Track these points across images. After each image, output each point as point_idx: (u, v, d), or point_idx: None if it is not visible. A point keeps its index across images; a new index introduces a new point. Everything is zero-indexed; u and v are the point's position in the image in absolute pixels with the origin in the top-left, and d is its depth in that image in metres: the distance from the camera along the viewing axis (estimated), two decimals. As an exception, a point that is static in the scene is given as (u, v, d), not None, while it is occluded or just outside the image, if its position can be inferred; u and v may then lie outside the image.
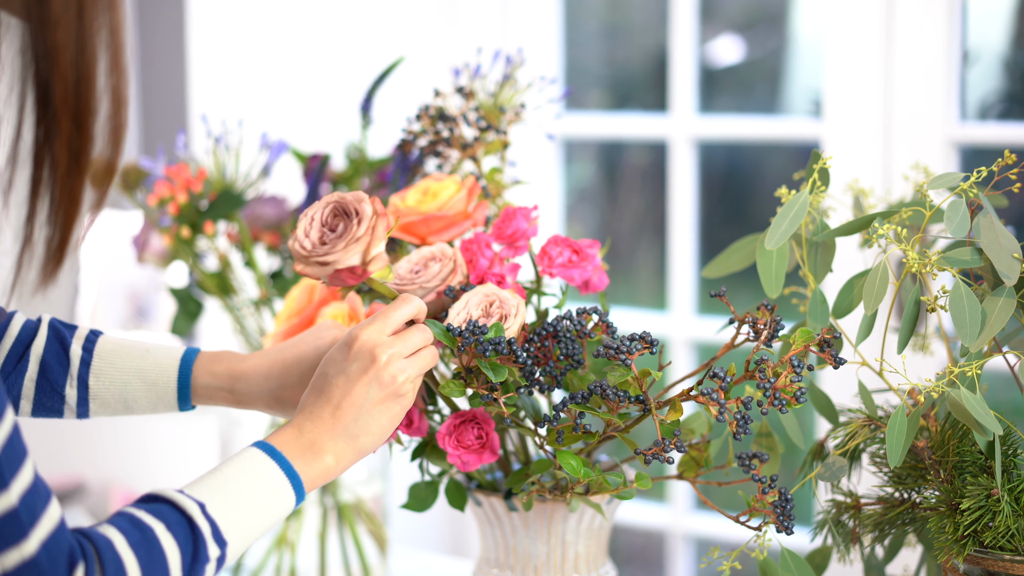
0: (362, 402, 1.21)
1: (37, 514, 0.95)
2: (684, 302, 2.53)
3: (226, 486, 1.13)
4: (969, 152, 2.20)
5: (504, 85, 1.64)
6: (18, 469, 0.94)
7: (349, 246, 1.22)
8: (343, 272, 1.23)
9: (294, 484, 1.17)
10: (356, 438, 1.21)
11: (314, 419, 1.21)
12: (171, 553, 1.05)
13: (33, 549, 0.94)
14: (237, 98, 2.56)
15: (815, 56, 2.72)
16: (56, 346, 1.33)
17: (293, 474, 1.17)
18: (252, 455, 1.17)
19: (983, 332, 1.22)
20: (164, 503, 1.09)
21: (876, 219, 1.30)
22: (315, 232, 1.25)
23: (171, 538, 1.06)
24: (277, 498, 1.16)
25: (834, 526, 1.40)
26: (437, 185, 1.47)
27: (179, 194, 1.84)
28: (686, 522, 2.56)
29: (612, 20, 3.12)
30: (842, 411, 1.43)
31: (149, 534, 1.05)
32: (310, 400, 1.23)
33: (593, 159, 3.23)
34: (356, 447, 1.22)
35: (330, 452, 1.20)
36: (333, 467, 1.21)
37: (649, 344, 1.26)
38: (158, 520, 1.07)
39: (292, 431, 1.20)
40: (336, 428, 1.21)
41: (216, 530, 1.09)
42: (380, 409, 1.22)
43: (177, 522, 1.07)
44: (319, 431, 1.21)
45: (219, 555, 1.10)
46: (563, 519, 1.42)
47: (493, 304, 1.31)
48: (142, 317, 2.94)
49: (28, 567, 0.94)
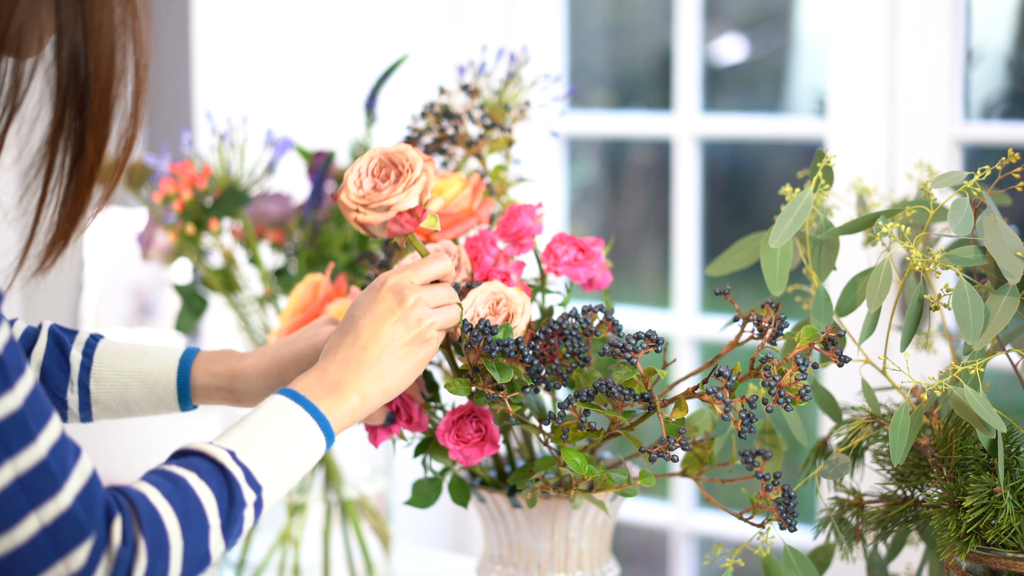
0: (388, 341, 1.22)
1: (68, 467, 0.96)
2: (687, 300, 2.53)
3: (254, 433, 1.13)
4: (973, 151, 2.20)
5: (509, 83, 1.64)
6: (44, 423, 0.95)
7: (409, 188, 1.24)
8: (403, 216, 1.25)
9: (322, 426, 1.17)
10: (382, 377, 1.22)
11: (339, 360, 1.22)
12: (206, 500, 1.06)
13: (68, 501, 0.95)
14: (242, 95, 2.56)
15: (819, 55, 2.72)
16: (56, 352, 1.34)
17: (320, 416, 1.17)
18: (277, 401, 1.17)
19: (986, 330, 1.22)
20: (193, 455, 1.10)
21: (880, 217, 1.30)
22: (368, 182, 1.26)
23: (205, 485, 1.06)
24: (306, 441, 1.16)
25: (837, 524, 1.40)
26: (442, 182, 1.47)
27: (184, 191, 1.85)
28: (689, 519, 2.56)
29: (616, 18, 3.12)
30: (845, 409, 1.43)
31: (182, 484, 1.06)
32: (335, 341, 1.23)
33: (597, 157, 3.24)
34: (382, 387, 1.22)
35: (355, 392, 1.20)
36: (359, 407, 1.21)
37: (655, 343, 1.26)
38: (189, 470, 1.07)
39: (316, 373, 1.21)
40: (362, 367, 1.21)
41: (249, 475, 1.10)
42: (406, 351, 1.23)
43: (208, 470, 1.08)
44: (344, 371, 1.21)
45: (256, 499, 1.10)
46: (567, 516, 1.42)
47: (500, 302, 1.32)
48: (146, 314, 2.94)
49: (66, 519, 0.95)
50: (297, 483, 1.17)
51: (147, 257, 2.00)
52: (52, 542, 0.94)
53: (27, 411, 0.94)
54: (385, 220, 1.25)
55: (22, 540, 0.94)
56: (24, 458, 0.94)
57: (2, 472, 0.93)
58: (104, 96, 1.04)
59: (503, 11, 2.65)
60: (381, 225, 1.26)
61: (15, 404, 0.93)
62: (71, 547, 0.95)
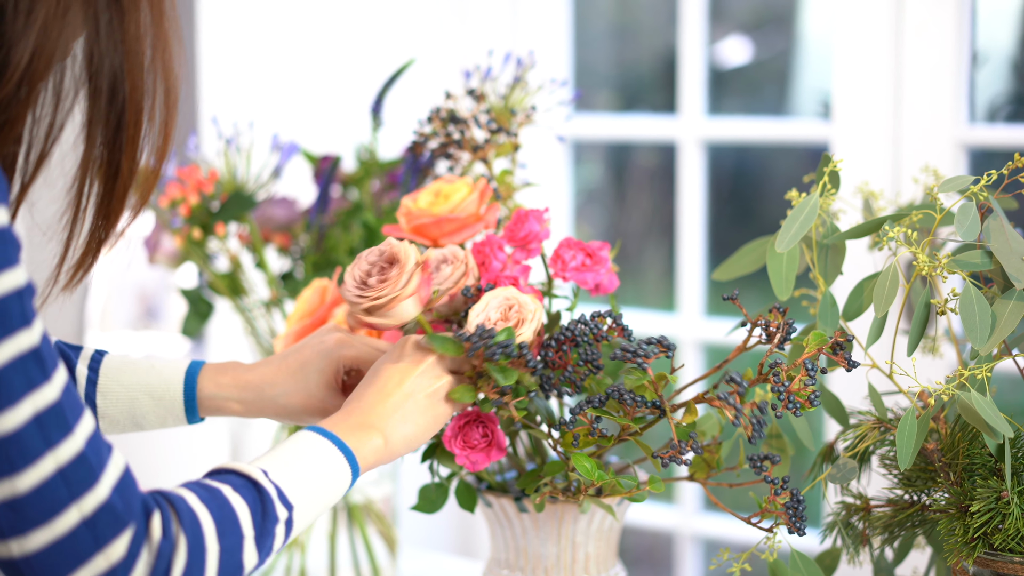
0: (411, 390, 1.26)
1: (104, 459, 0.97)
2: (693, 303, 2.53)
3: (285, 458, 1.15)
4: (978, 154, 2.20)
5: (515, 87, 1.64)
6: (80, 415, 0.97)
7: (409, 280, 1.29)
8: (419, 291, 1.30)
9: (348, 459, 1.19)
10: (404, 423, 1.25)
11: (364, 404, 1.24)
12: (241, 510, 1.07)
13: (106, 493, 0.96)
14: (248, 100, 2.56)
15: (823, 57, 2.72)
16: None
17: (346, 449, 1.19)
18: (304, 435, 1.19)
19: (993, 335, 1.22)
20: (227, 472, 1.12)
21: (886, 222, 1.30)
22: (374, 278, 1.30)
23: (239, 497, 1.08)
24: (334, 472, 1.18)
25: (844, 528, 1.40)
26: (449, 187, 1.47)
27: (190, 195, 1.85)
28: (694, 523, 2.56)
29: (621, 21, 3.12)
30: (852, 413, 1.43)
31: (217, 493, 1.07)
32: (360, 390, 1.26)
33: (601, 160, 3.24)
34: (403, 433, 1.25)
35: (379, 433, 1.23)
36: (383, 448, 1.23)
37: (666, 348, 1.27)
38: (224, 483, 1.09)
39: (340, 415, 1.24)
40: (384, 412, 1.24)
41: (281, 492, 1.12)
42: (428, 402, 1.26)
43: (242, 484, 1.10)
44: (368, 414, 1.24)
45: (287, 517, 1.11)
46: (573, 520, 1.42)
47: (512, 308, 1.32)
48: (152, 318, 2.95)
49: (104, 510, 0.96)
50: (324, 513, 1.18)
51: (153, 261, 2.00)
52: (91, 534, 0.95)
53: (64, 403, 0.95)
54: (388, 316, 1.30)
55: (63, 532, 0.95)
56: (64, 449, 0.95)
57: (44, 463, 0.94)
58: (138, 117, 1.07)
59: (508, 14, 2.65)
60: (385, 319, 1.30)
61: (54, 395, 0.95)
62: (110, 539, 0.96)
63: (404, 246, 1.30)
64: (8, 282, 0.93)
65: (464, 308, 1.38)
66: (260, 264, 1.92)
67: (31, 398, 0.93)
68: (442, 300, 1.37)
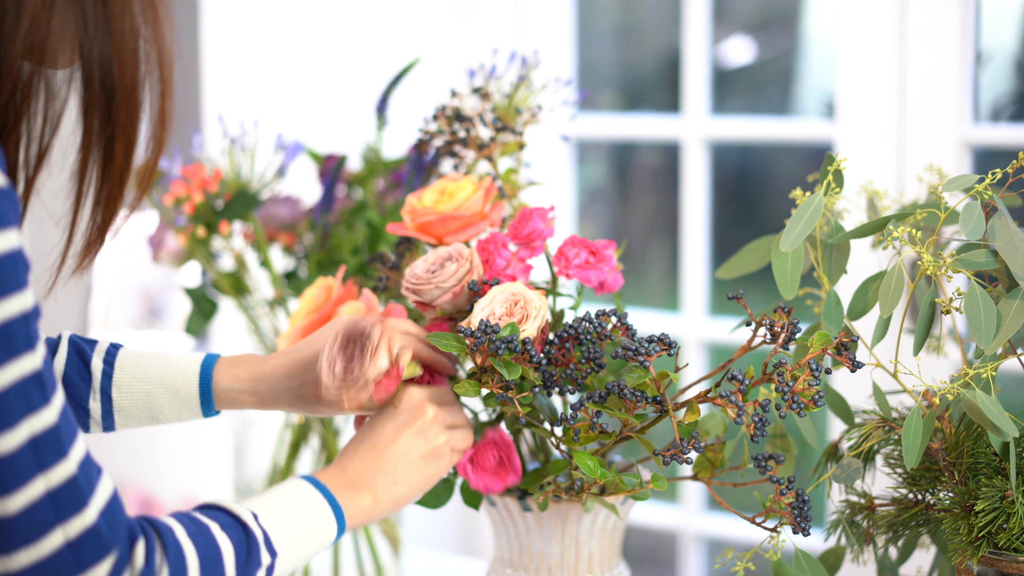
0: (405, 451, 1.28)
1: (94, 483, 0.97)
2: (696, 303, 2.53)
3: (275, 504, 1.17)
4: (982, 153, 2.20)
5: (519, 86, 1.65)
6: (74, 439, 0.97)
7: (374, 356, 1.29)
8: (383, 381, 1.30)
9: (336, 514, 1.21)
10: (395, 485, 1.27)
11: (357, 461, 1.26)
12: (226, 550, 1.08)
13: (93, 517, 0.96)
14: (252, 99, 2.56)
15: (827, 57, 2.72)
16: (77, 361, 1.35)
17: (336, 504, 1.21)
18: (298, 484, 1.21)
19: (998, 334, 1.22)
20: (218, 509, 1.13)
21: (890, 221, 1.30)
22: (339, 365, 1.31)
23: (226, 537, 1.09)
24: (321, 525, 1.20)
25: (848, 527, 1.40)
26: (454, 185, 1.48)
27: (195, 194, 1.85)
28: (698, 523, 2.56)
29: (624, 20, 3.12)
30: (857, 412, 1.43)
31: (205, 529, 1.08)
32: (354, 444, 1.29)
33: (605, 159, 3.24)
34: (392, 495, 1.27)
35: (369, 492, 1.25)
36: (371, 508, 1.25)
37: (667, 346, 1.27)
38: (212, 520, 1.10)
39: (335, 469, 1.26)
40: (377, 472, 1.26)
41: (268, 539, 1.13)
42: (420, 463, 1.28)
43: (231, 524, 1.11)
44: (361, 472, 1.26)
45: (270, 564, 1.13)
46: (577, 519, 1.42)
47: (518, 304, 1.33)
48: (156, 316, 2.95)
49: (91, 535, 0.96)
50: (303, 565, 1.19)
51: (157, 260, 2.00)
52: (74, 556, 0.96)
53: (61, 426, 0.96)
54: (370, 392, 1.30)
55: (46, 553, 0.95)
56: (56, 473, 0.95)
57: (35, 486, 0.94)
58: (129, 101, 1.07)
59: (512, 14, 2.65)
60: (370, 398, 1.31)
61: (52, 419, 0.95)
62: (93, 563, 0.96)
63: None
64: (16, 305, 0.93)
65: (469, 304, 1.38)
66: (264, 263, 1.92)
67: (29, 421, 0.94)
68: (446, 297, 1.37)
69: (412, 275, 1.40)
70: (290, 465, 1.94)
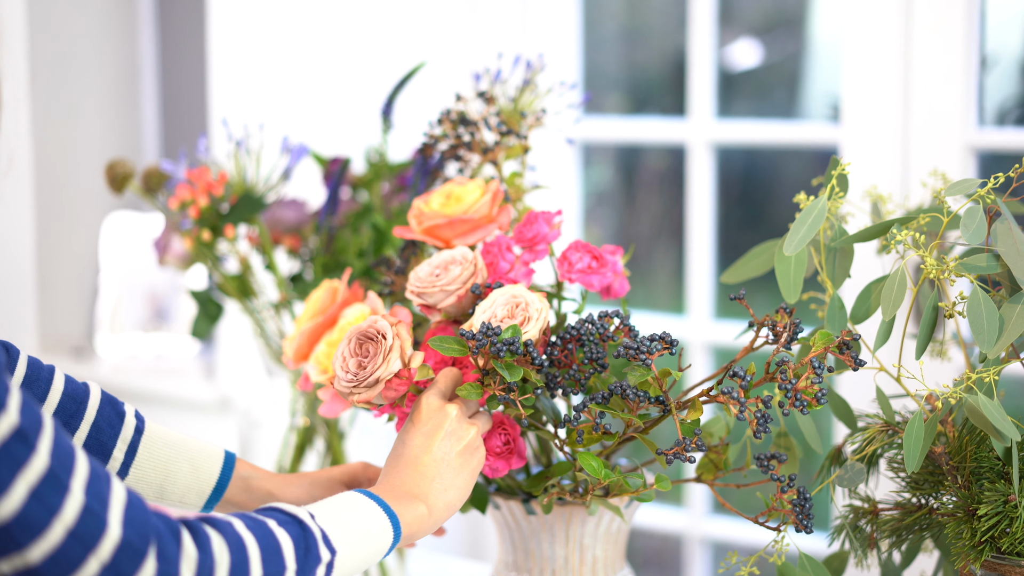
0: (443, 455, 1.27)
1: (106, 499, 0.97)
2: (702, 306, 2.53)
3: (331, 508, 1.17)
4: (987, 157, 2.20)
5: (524, 90, 1.65)
6: (72, 467, 0.96)
7: (387, 356, 1.29)
8: (393, 381, 1.30)
9: (392, 521, 1.20)
10: (445, 491, 1.26)
11: (401, 477, 1.26)
12: (285, 543, 1.08)
13: (118, 532, 0.96)
14: (258, 102, 2.57)
15: (833, 60, 2.72)
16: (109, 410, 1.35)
17: (391, 512, 1.20)
18: (350, 495, 1.20)
19: (1001, 338, 1.23)
20: (273, 510, 1.13)
21: (894, 225, 1.31)
22: (352, 363, 1.31)
23: (284, 532, 1.09)
24: (377, 531, 1.19)
25: (852, 531, 1.40)
26: (460, 189, 1.48)
27: (200, 197, 1.85)
28: (703, 526, 2.56)
29: (631, 23, 3.12)
30: (860, 416, 1.43)
31: (262, 524, 1.09)
32: (392, 464, 1.28)
33: (611, 163, 3.24)
34: (446, 501, 1.26)
35: (423, 502, 1.24)
36: (427, 516, 1.24)
37: (669, 344, 1.27)
38: (269, 518, 1.11)
39: (384, 487, 1.25)
40: (423, 483, 1.25)
41: (326, 536, 1.13)
42: (460, 461, 1.28)
43: (287, 521, 1.11)
44: (409, 485, 1.25)
45: (330, 560, 1.12)
46: (581, 523, 1.42)
47: (519, 306, 1.33)
48: (162, 319, 2.95)
49: (122, 550, 0.96)
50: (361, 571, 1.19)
51: (163, 263, 2.01)
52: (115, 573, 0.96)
53: (55, 465, 0.95)
54: (379, 392, 1.30)
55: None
56: (68, 510, 0.94)
57: (52, 532, 0.94)
58: None
59: (518, 17, 2.66)
60: (379, 396, 1.31)
61: (43, 464, 0.94)
62: (133, 572, 0.96)
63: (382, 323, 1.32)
64: None
65: (472, 307, 1.39)
66: (270, 266, 1.92)
67: (23, 476, 0.93)
68: (450, 301, 1.38)
69: (416, 278, 1.40)
70: (296, 467, 1.94)
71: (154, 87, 3.22)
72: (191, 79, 3.14)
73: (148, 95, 3.20)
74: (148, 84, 3.20)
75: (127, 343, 2.94)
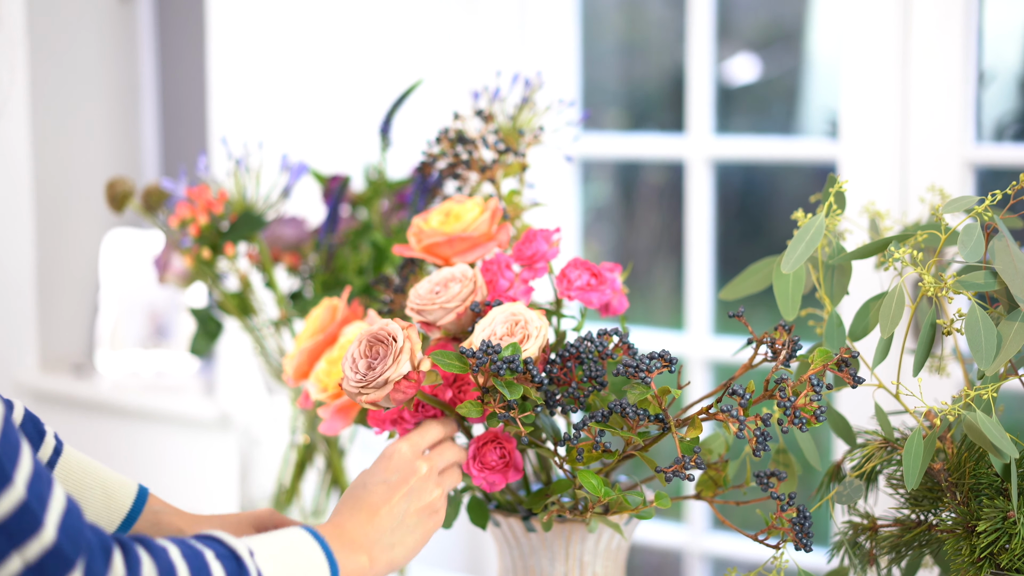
0: (400, 512, 1.26)
1: (46, 499, 0.96)
2: (701, 322, 2.54)
3: (273, 546, 1.15)
4: (985, 173, 2.21)
5: (523, 108, 1.65)
6: (17, 458, 0.95)
7: (397, 358, 1.29)
8: (401, 384, 1.29)
9: (331, 568, 1.19)
10: (392, 548, 1.26)
11: (353, 522, 1.25)
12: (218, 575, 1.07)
13: (51, 536, 0.95)
14: (257, 120, 2.58)
15: (831, 76, 2.73)
16: (31, 428, 1.33)
17: (332, 560, 1.19)
18: (298, 533, 1.19)
19: (999, 355, 1.23)
20: (213, 540, 1.11)
21: (892, 242, 1.31)
22: (362, 364, 1.31)
23: (220, 566, 1.08)
24: (315, 574, 1.17)
25: (851, 547, 1.40)
26: (459, 207, 1.48)
27: (200, 215, 1.86)
28: (703, 542, 2.56)
29: (629, 39, 3.13)
30: (859, 433, 1.44)
31: (199, 555, 1.07)
32: (349, 503, 1.27)
33: (610, 179, 3.24)
34: (390, 557, 1.25)
35: (365, 554, 1.23)
36: (367, 568, 1.23)
37: (668, 362, 1.27)
38: (208, 548, 1.09)
39: (332, 528, 1.24)
40: (372, 535, 1.24)
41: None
42: (416, 522, 1.27)
43: (225, 555, 1.10)
44: (358, 533, 1.24)
45: None
46: (581, 540, 1.42)
47: (518, 324, 1.33)
48: (161, 336, 2.95)
49: (51, 555, 0.95)
50: None
51: (163, 281, 2.01)
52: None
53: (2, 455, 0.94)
54: (388, 393, 1.30)
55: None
56: (5, 502, 0.93)
57: None
58: None
59: (516, 34, 2.66)
60: (386, 398, 1.31)
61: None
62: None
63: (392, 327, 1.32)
64: None
65: (472, 325, 1.39)
66: (269, 283, 1.93)
67: None
68: (450, 318, 1.38)
69: (416, 296, 1.41)
70: (295, 485, 1.95)
71: (154, 105, 3.23)
72: (191, 97, 3.15)
73: (148, 113, 3.21)
74: (148, 102, 3.21)
75: (127, 360, 2.95)
